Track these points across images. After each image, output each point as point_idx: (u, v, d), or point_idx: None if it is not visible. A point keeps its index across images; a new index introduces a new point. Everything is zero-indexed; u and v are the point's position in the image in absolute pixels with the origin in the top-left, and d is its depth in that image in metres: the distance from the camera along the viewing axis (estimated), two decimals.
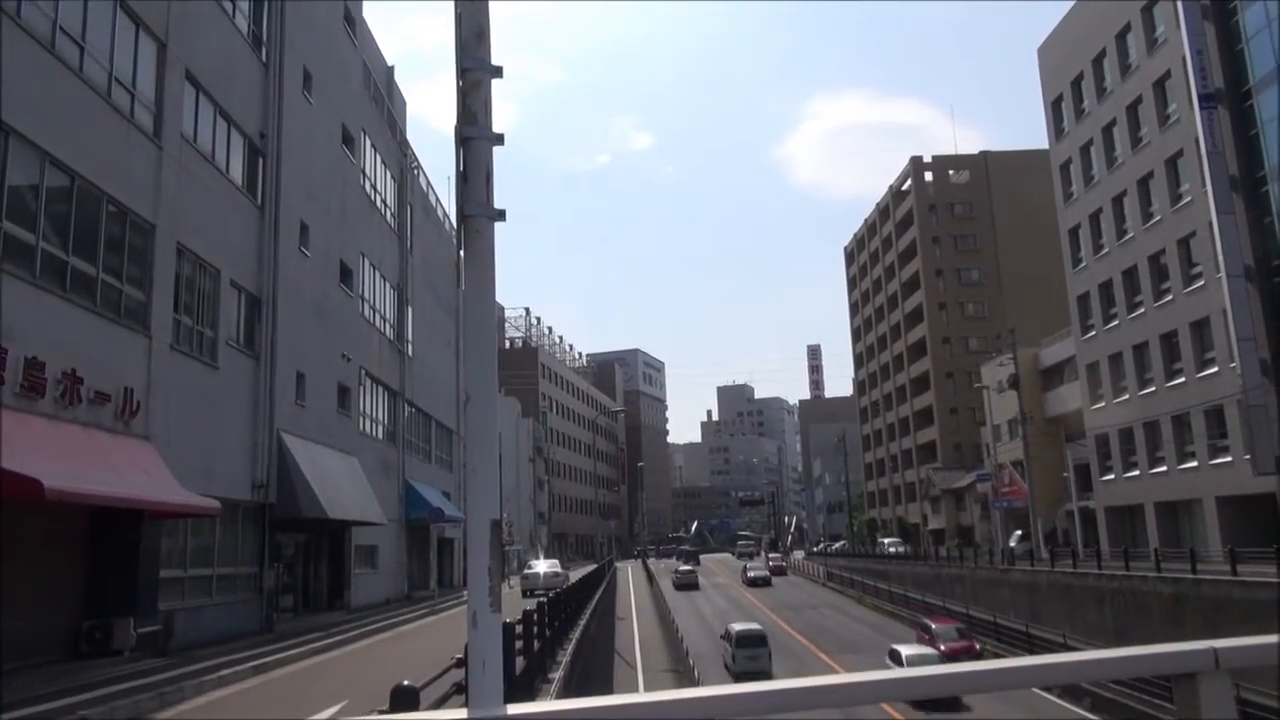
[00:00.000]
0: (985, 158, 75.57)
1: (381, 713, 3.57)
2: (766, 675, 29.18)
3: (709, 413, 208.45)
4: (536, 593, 29.28)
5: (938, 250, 75.35)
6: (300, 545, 26.41)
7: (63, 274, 14.93)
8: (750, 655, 29.17)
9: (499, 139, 2.46)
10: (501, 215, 2.39)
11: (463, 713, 1.83)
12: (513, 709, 1.81)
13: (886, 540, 72.46)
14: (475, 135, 2.42)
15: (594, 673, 18.92)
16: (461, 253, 2.35)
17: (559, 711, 1.86)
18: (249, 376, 22.16)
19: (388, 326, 35.11)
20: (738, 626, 31.49)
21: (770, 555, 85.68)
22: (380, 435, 33.80)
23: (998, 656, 24.33)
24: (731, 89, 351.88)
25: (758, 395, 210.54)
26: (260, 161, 23.33)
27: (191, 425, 18.72)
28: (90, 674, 14.07)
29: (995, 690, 2.18)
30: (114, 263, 16.47)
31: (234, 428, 21.11)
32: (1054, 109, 45.10)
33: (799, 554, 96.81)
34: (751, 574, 64.21)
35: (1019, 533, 47.15)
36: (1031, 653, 27.79)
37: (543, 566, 42.02)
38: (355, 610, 28.23)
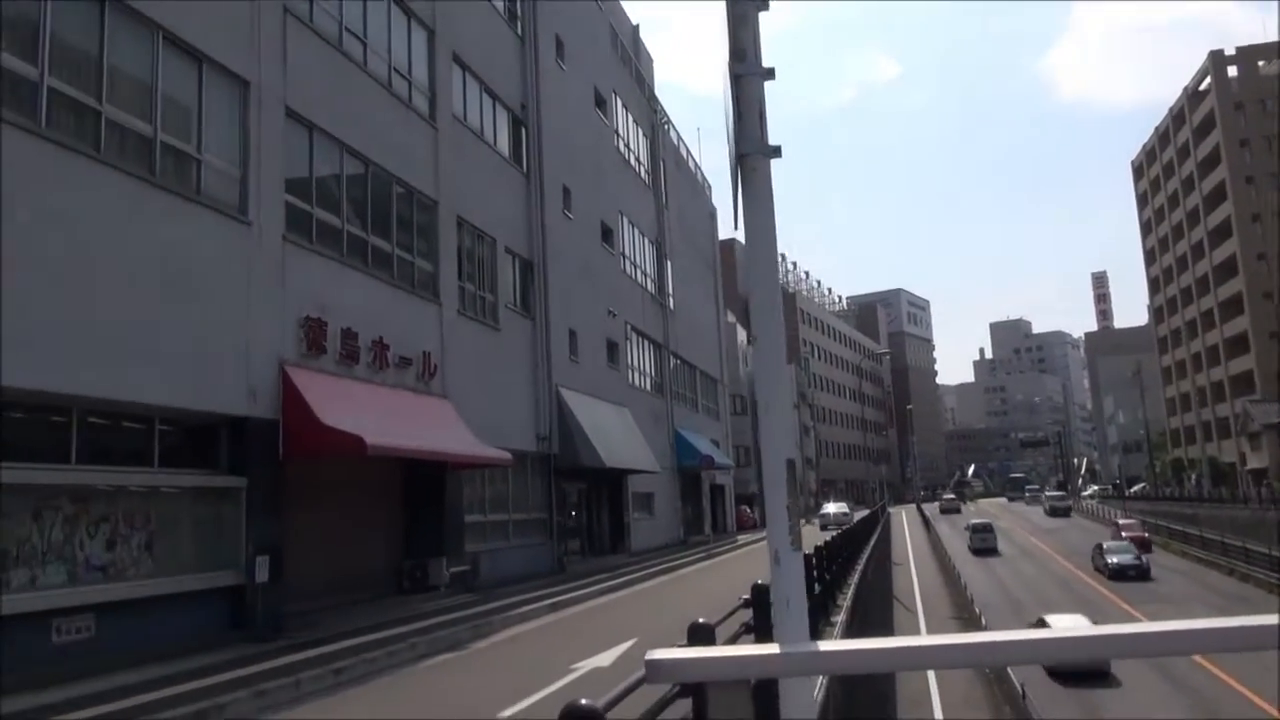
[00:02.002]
0: None
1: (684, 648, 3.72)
2: (993, 551, 46.94)
3: (981, 351, 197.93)
4: (829, 528, 34.48)
5: (1247, 154, 66.24)
6: (582, 493, 28.05)
7: (364, 252, 16.61)
8: (981, 538, 47.66)
9: (770, 74, 2.41)
10: (777, 151, 2.34)
11: (774, 647, 1.84)
12: (823, 645, 1.80)
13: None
14: (745, 72, 2.38)
15: (873, 619, 18.70)
16: (739, 193, 2.33)
17: (871, 650, 1.82)
18: (527, 336, 23.66)
19: (649, 281, 36.10)
20: (974, 520, 51.12)
21: (1050, 496, 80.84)
22: (648, 387, 34.98)
23: None
24: (981, 3, 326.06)
25: (1035, 330, 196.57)
26: (523, 132, 24.63)
27: (480, 383, 20.31)
28: (413, 607, 15.81)
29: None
30: (405, 238, 18.10)
31: (517, 384, 22.66)
32: None
33: (1090, 496, 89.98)
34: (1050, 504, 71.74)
35: None
36: None
37: (832, 508, 53.75)
38: (635, 554, 29.63)
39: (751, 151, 2.31)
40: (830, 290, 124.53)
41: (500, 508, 21.74)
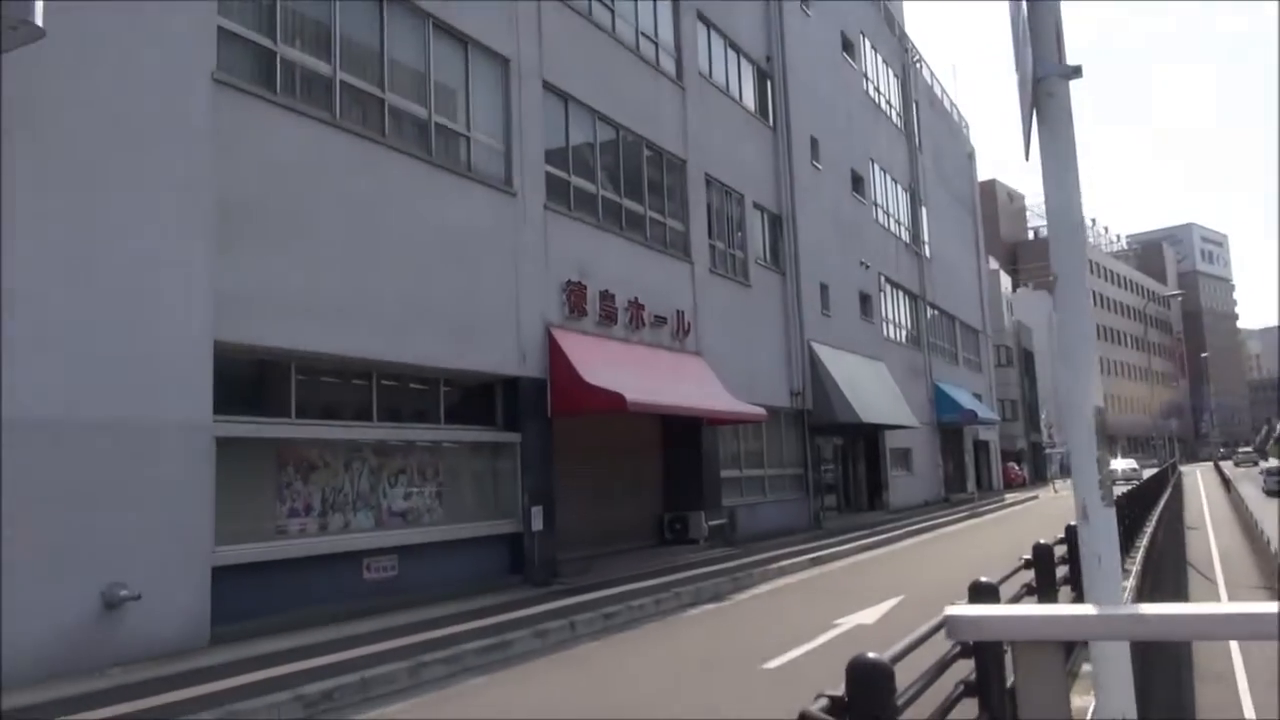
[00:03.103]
0: None
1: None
2: None
3: None
4: (1117, 483, 31.88)
5: None
6: (838, 448, 27.69)
7: (618, 216, 17.13)
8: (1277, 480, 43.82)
9: None
10: (1077, 72, 2.13)
11: (1088, 608, 1.70)
12: (1144, 608, 1.65)
13: None
14: None
15: (1165, 586, 17.14)
16: (1033, 121, 2.14)
17: (1202, 615, 1.65)
18: (777, 291, 23.51)
19: (902, 230, 34.72)
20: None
21: None
22: (904, 339, 33.80)
23: None
24: None
25: None
26: (768, 84, 24.30)
27: (733, 340, 20.46)
28: (675, 558, 16.34)
29: None
30: (656, 200, 18.47)
31: (768, 340, 22.62)
32: None
33: None
34: None
35: None
36: None
37: (1120, 464, 48.51)
38: (894, 511, 28.93)
39: (1048, 74, 2.12)
40: (1107, 229, 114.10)
41: (756, 463, 21.91)
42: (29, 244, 7.89)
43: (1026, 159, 2.34)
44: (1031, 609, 1.85)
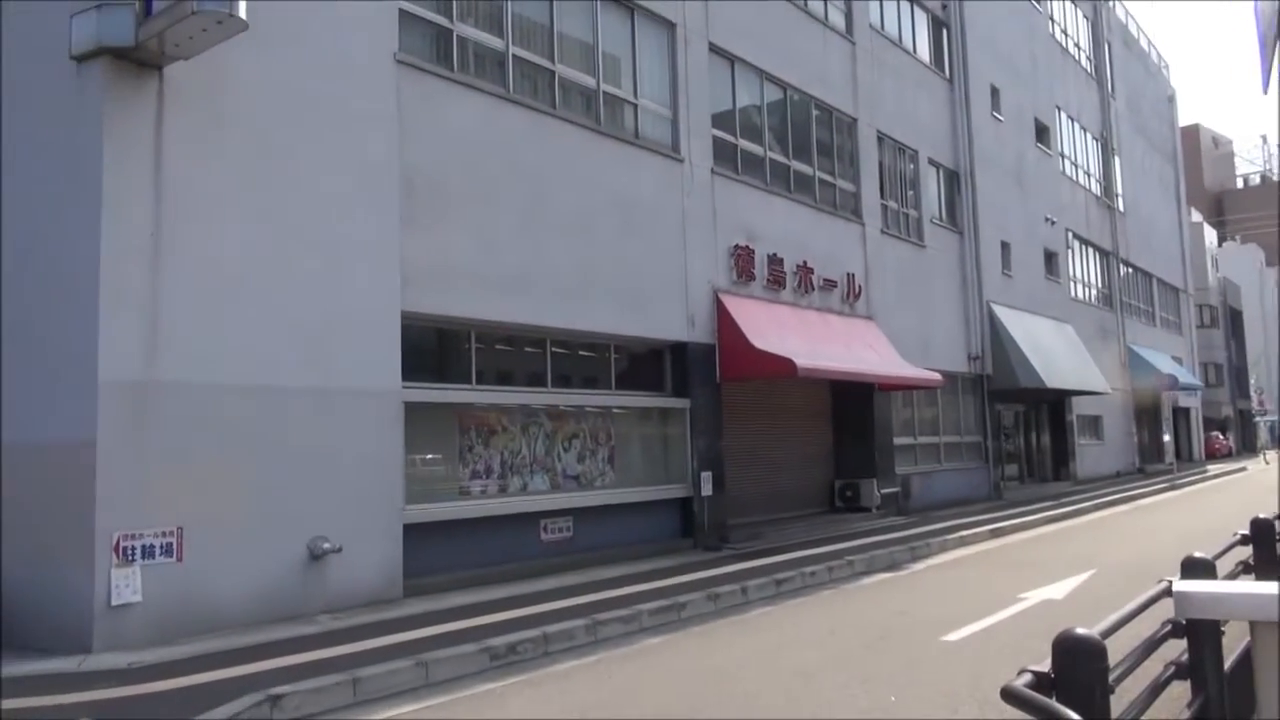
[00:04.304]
0: None
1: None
2: None
3: None
4: None
5: None
6: (1019, 415, 26.41)
7: (786, 178, 16.80)
8: None
9: None
10: None
11: None
12: None
13: None
14: None
15: None
16: (1275, 54, 1.91)
17: None
18: (954, 251, 22.52)
19: (1092, 181, 32.45)
20: None
21: None
22: (1094, 299, 31.73)
23: None
24: None
25: None
26: (944, 33, 23.14)
27: (906, 303, 19.78)
28: (847, 526, 16.09)
29: None
30: (825, 160, 18.00)
31: (944, 302, 21.73)
32: None
33: None
34: None
35: None
36: None
37: None
38: (1081, 482, 27.39)
39: None
40: None
41: (931, 430, 21.20)
42: (238, 228, 8.54)
43: (1265, 91, 2.09)
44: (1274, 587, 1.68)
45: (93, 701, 6.06)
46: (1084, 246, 31.10)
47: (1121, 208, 34.61)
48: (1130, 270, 35.51)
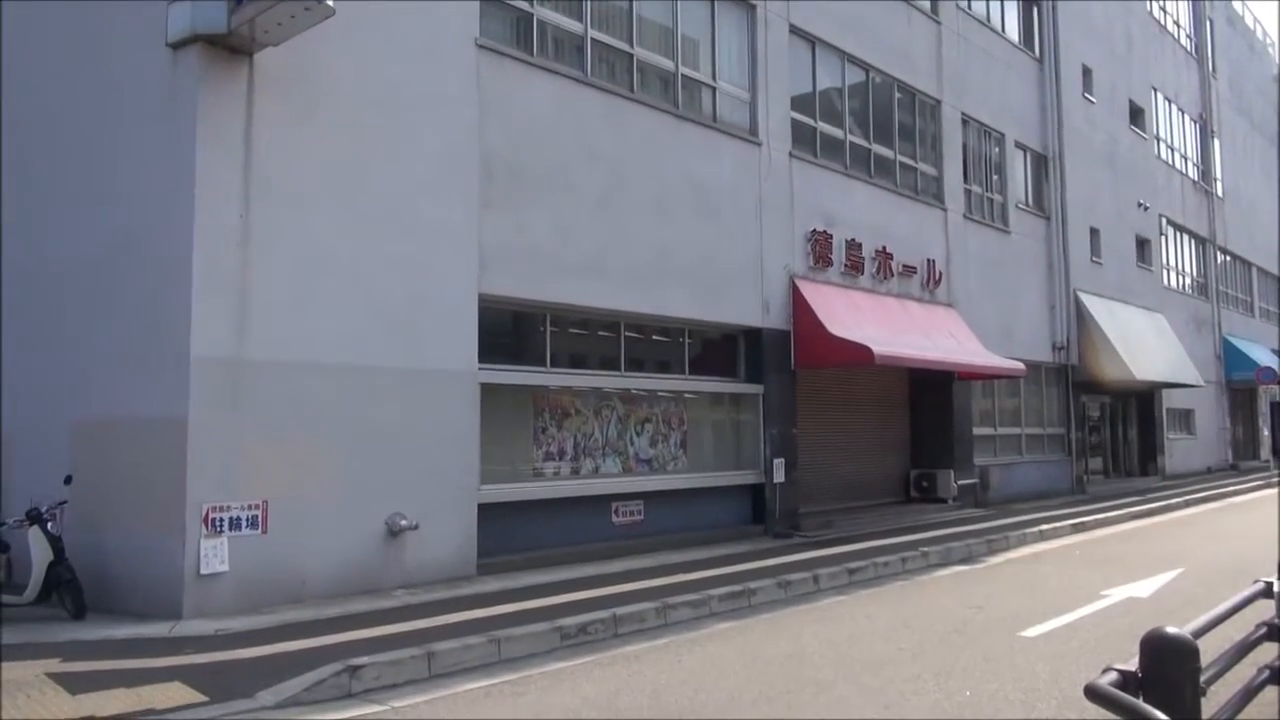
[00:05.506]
0: None
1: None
2: None
3: None
4: None
5: None
6: (1106, 407, 25.58)
7: (866, 161, 16.50)
8: None
9: None
10: None
11: None
12: None
13: None
14: None
15: None
16: None
17: None
18: (1040, 237, 21.85)
19: (1189, 165, 31.12)
20: None
21: None
22: (1188, 288, 30.50)
23: None
24: None
25: None
26: (1035, 12, 22.39)
27: (988, 290, 19.28)
28: (922, 516, 15.83)
29: None
30: (907, 143, 17.61)
31: (1029, 290, 21.13)
32: None
33: None
34: None
35: None
36: None
37: None
38: (1170, 478, 26.43)
39: None
40: None
41: (1012, 421, 20.68)
42: (326, 211, 8.75)
43: None
44: None
45: (181, 666, 6.32)
46: (1178, 233, 29.88)
47: (1220, 193, 33.14)
48: (1228, 258, 34.02)
